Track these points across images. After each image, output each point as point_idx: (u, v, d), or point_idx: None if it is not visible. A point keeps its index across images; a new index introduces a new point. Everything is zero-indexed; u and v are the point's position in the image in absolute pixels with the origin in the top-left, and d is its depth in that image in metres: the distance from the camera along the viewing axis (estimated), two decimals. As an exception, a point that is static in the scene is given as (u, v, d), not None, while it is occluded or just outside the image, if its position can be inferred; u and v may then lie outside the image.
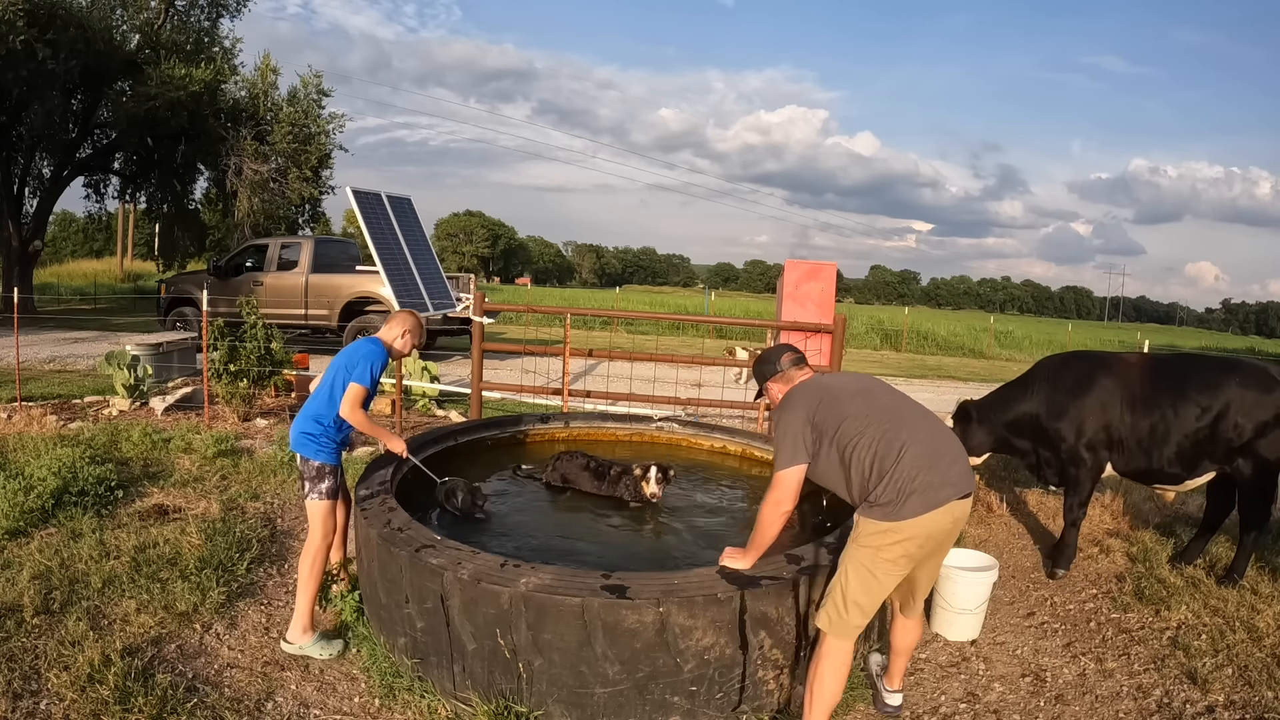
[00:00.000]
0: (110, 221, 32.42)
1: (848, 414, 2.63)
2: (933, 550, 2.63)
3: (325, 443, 3.38)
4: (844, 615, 2.58)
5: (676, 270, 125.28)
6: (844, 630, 2.59)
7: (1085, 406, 4.31)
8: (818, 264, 6.48)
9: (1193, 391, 4.14)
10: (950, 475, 2.54)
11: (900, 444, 2.54)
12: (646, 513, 4.12)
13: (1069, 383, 4.41)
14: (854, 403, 2.67)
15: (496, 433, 5.15)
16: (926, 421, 2.69)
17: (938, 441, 2.61)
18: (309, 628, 3.30)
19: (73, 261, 35.28)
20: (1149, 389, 4.24)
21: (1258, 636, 3.67)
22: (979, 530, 5.26)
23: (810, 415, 2.67)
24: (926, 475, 2.50)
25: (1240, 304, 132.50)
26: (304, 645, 3.26)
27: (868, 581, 2.56)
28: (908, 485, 2.49)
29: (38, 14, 13.28)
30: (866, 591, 2.57)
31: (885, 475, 2.52)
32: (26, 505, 4.41)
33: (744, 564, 2.80)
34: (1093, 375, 4.37)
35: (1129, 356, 4.49)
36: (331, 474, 3.39)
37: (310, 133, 17.60)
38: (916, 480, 2.50)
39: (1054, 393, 4.44)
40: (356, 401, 3.35)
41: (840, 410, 2.65)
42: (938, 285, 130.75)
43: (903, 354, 21.62)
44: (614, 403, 7.41)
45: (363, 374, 3.37)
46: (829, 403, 2.68)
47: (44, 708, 2.77)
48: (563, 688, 2.65)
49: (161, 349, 8.83)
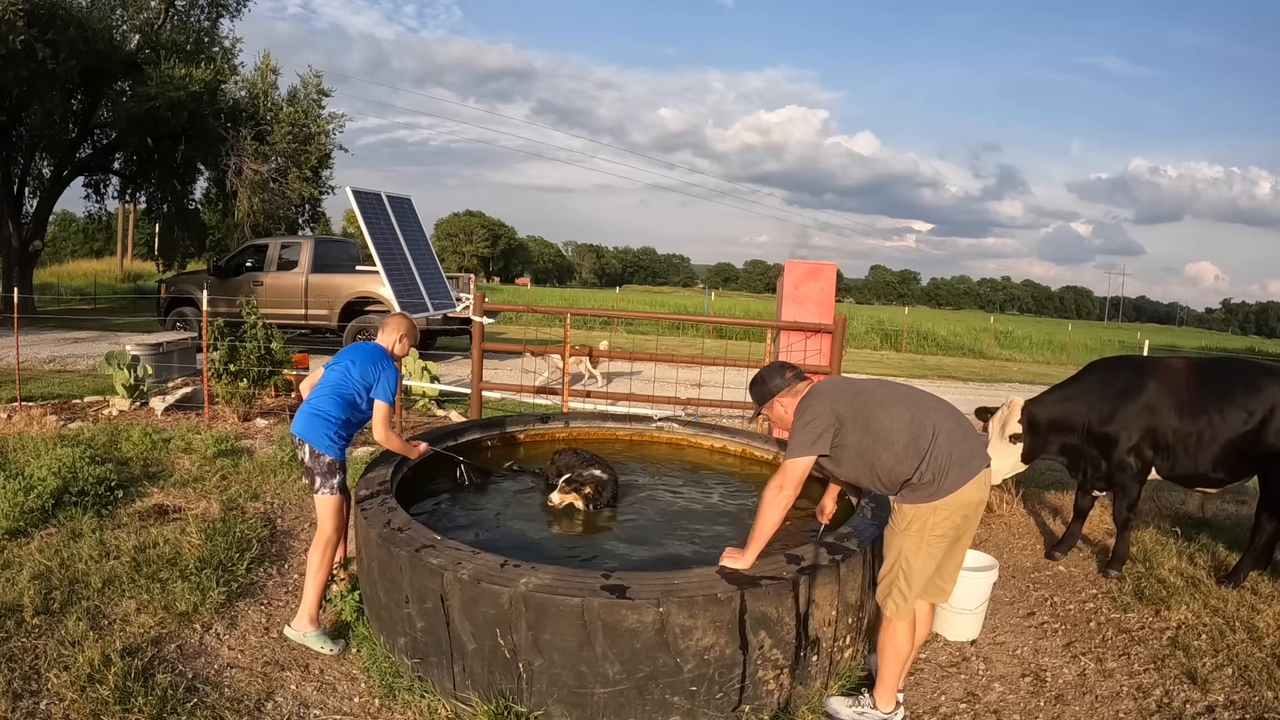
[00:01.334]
0: (110, 221, 32.44)
1: (874, 402, 2.78)
2: (973, 520, 2.76)
3: (337, 439, 3.46)
4: (907, 597, 2.77)
5: (676, 270, 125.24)
6: (906, 612, 2.79)
7: (1134, 411, 4.33)
8: (818, 264, 6.47)
9: (1238, 396, 4.19)
10: (977, 445, 2.74)
11: (932, 424, 2.69)
12: (646, 513, 4.11)
13: (1118, 388, 4.42)
14: (878, 392, 2.84)
15: (496, 432, 5.15)
16: (942, 402, 2.87)
17: (959, 417, 2.79)
18: (315, 619, 3.34)
19: (73, 261, 35.28)
20: (1195, 394, 4.28)
21: (1258, 636, 3.67)
22: (979, 530, 5.26)
23: (836, 407, 2.77)
24: (961, 448, 2.68)
25: (1240, 304, 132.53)
26: (306, 634, 3.30)
27: (924, 561, 2.73)
28: (946, 462, 2.64)
29: (38, 14, 13.27)
30: (924, 571, 2.75)
31: (924, 456, 2.65)
32: (26, 505, 4.41)
33: (744, 562, 2.80)
34: (1141, 380, 4.38)
35: (1174, 361, 4.50)
36: (342, 469, 3.49)
37: (310, 133, 17.61)
38: (953, 455, 2.65)
39: (1103, 398, 4.45)
40: (386, 421, 3.50)
41: (867, 399, 2.79)
42: (938, 285, 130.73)
43: (903, 354, 21.61)
44: (614, 403, 7.41)
45: (386, 392, 3.47)
46: (854, 395, 2.82)
47: (44, 708, 2.77)
48: (563, 688, 2.65)
49: (161, 349, 8.84)
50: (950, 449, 2.66)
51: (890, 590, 2.80)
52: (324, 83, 18.06)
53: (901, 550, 2.75)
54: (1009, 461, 4.70)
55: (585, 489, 3.97)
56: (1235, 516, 5.74)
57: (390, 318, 3.73)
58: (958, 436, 2.70)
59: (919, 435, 2.68)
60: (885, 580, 2.83)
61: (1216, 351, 28.79)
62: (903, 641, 2.84)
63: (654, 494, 4.44)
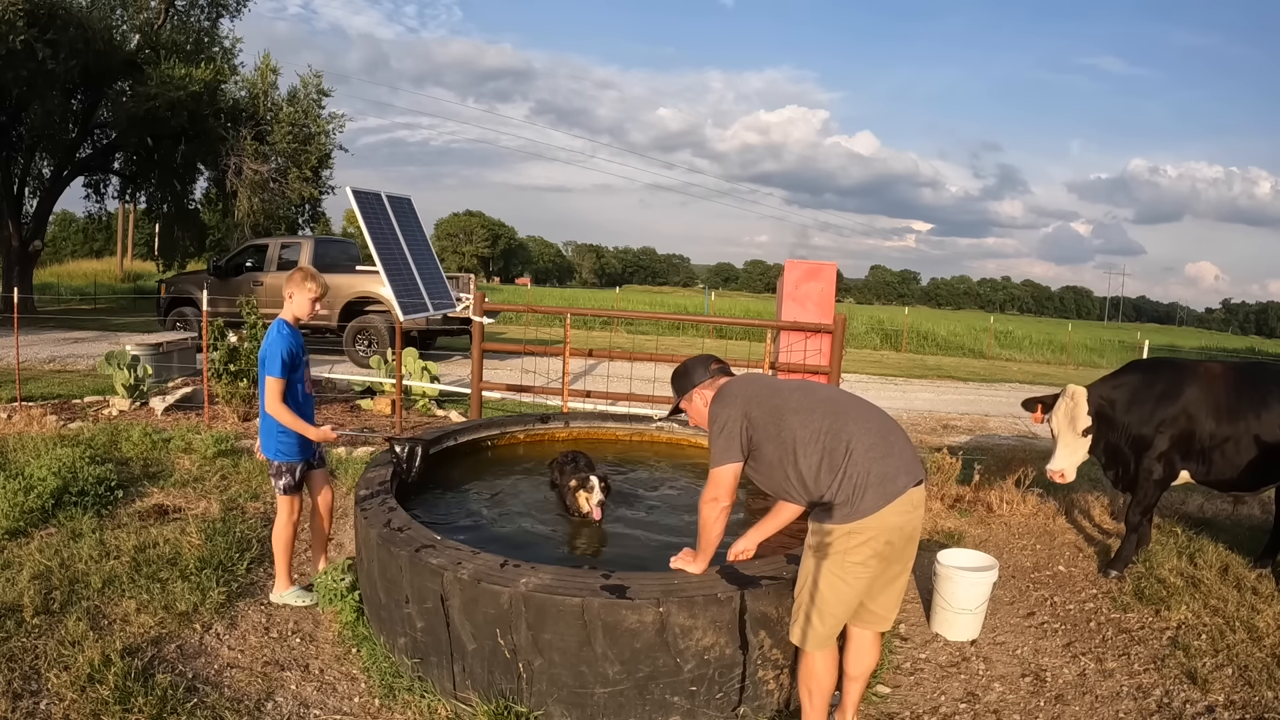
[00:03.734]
0: (110, 221, 32.41)
1: (788, 406, 2.51)
2: (901, 546, 2.47)
3: (272, 439, 3.53)
4: (818, 628, 2.49)
5: (676, 270, 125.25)
6: (822, 641, 2.52)
7: (1171, 416, 4.32)
8: (818, 264, 6.47)
9: (1275, 401, 4.19)
10: (904, 462, 2.43)
11: (848, 437, 2.41)
12: (646, 513, 4.11)
13: (1158, 392, 4.40)
14: (793, 396, 2.55)
15: (496, 432, 5.15)
16: (870, 409, 2.56)
17: (886, 429, 2.49)
18: (287, 584, 3.75)
19: (73, 261, 35.27)
20: (1233, 399, 4.27)
21: (1258, 636, 3.68)
22: (979, 530, 5.26)
23: (746, 410, 2.54)
24: (880, 466, 2.38)
25: (1240, 304, 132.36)
26: (283, 595, 3.71)
27: (839, 589, 2.44)
28: (862, 480, 2.37)
29: (38, 14, 13.28)
30: (840, 600, 2.46)
31: (836, 471, 2.39)
32: (26, 505, 4.41)
33: (696, 567, 2.71)
34: (1180, 385, 4.36)
35: (1212, 367, 4.47)
36: (288, 471, 3.57)
37: (310, 133, 17.62)
38: (871, 473, 2.37)
39: (1141, 401, 4.41)
40: (276, 395, 3.41)
41: (779, 403, 2.52)
42: (938, 285, 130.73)
43: (903, 354, 21.62)
44: (614, 403, 7.41)
45: (273, 365, 3.39)
46: (767, 396, 2.56)
47: (44, 708, 2.77)
48: (563, 688, 2.65)
49: (161, 349, 8.84)
50: (868, 466, 2.36)
51: (797, 616, 2.53)
52: (324, 83, 18.10)
53: (810, 573, 2.47)
54: (1080, 455, 4.45)
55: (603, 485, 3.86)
56: (1235, 516, 5.74)
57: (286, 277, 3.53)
58: (879, 452, 2.39)
59: (833, 449, 2.40)
60: (795, 604, 2.57)
61: (1217, 351, 28.77)
62: (823, 674, 2.55)
63: (654, 494, 4.43)
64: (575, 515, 3.83)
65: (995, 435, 8.95)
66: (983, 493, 5.72)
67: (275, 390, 3.39)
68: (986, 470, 6.22)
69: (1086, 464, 4.63)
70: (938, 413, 10.61)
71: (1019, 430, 9.29)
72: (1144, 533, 4.62)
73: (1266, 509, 5.56)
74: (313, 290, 3.47)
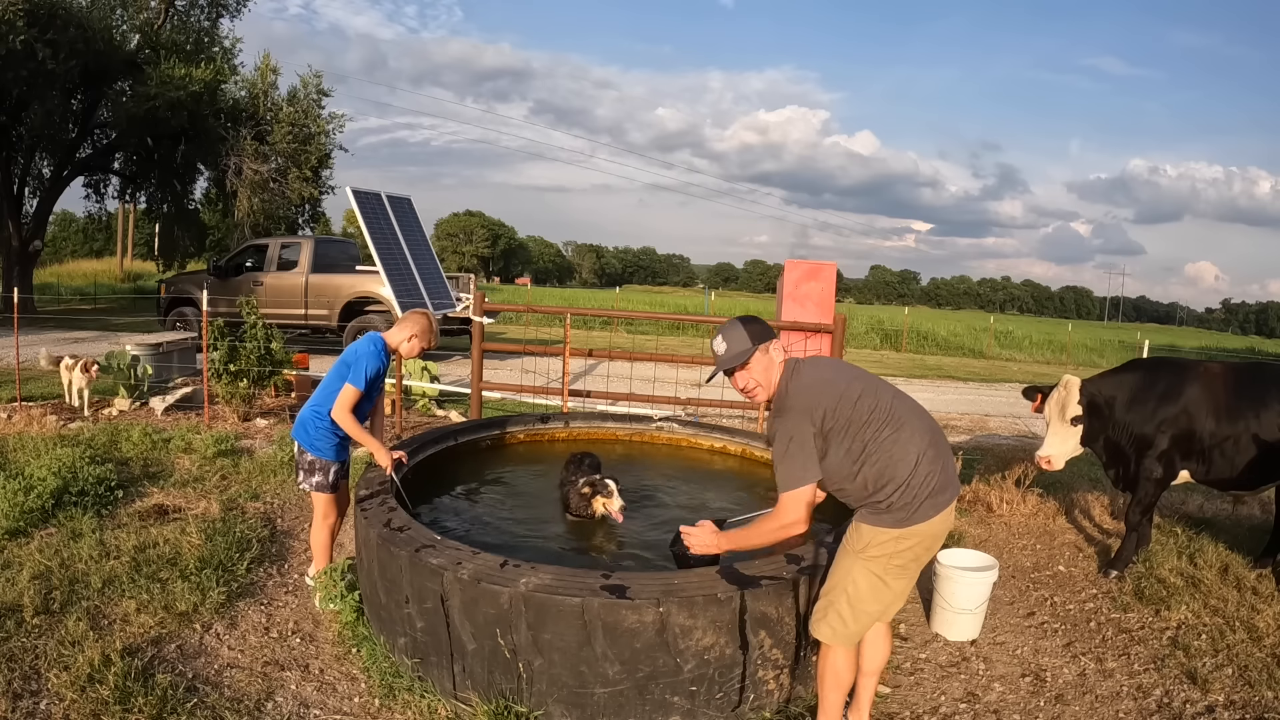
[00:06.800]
0: (110, 221, 32.41)
1: (857, 419, 2.46)
2: (928, 554, 2.56)
3: (321, 437, 3.48)
4: (851, 625, 2.53)
5: (676, 270, 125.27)
6: (851, 639, 2.57)
7: (1172, 416, 4.32)
8: (818, 264, 6.48)
9: (1274, 401, 4.20)
10: (950, 475, 2.52)
11: (916, 450, 2.44)
12: (646, 513, 4.12)
13: (1158, 391, 4.41)
14: (862, 405, 2.48)
15: (496, 433, 5.15)
16: (926, 421, 2.57)
17: (941, 444, 2.55)
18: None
19: (73, 261, 35.28)
20: (1233, 399, 4.28)
21: (1258, 636, 3.67)
22: (979, 530, 5.26)
23: (818, 423, 2.45)
24: (939, 478, 2.47)
25: (1240, 304, 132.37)
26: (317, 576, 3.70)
27: (879, 590, 2.51)
28: (923, 491, 2.43)
29: (38, 14, 13.29)
30: (878, 600, 2.52)
31: (901, 482, 2.42)
32: (26, 505, 4.41)
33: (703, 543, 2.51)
34: (1180, 385, 4.37)
35: (1212, 367, 4.49)
36: (323, 470, 3.50)
37: (310, 133, 17.63)
38: (932, 484, 2.44)
39: (1141, 400, 4.42)
40: (347, 404, 3.40)
41: (850, 415, 2.46)
42: (938, 285, 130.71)
43: (903, 354, 21.62)
44: (614, 403, 7.41)
45: (357, 376, 3.40)
46: (840, 409, 2.46)
47: (44, 708, 2.77)
48: (563, 688, 2.65)
49: (161, 349, 8.84)
50: (930, 478, 2.44)
51: (827, 612, 2.56)
52: (324, 83, 18.11)
53: (851, 572, 2.51)
54: (1069, 445, 4.50)
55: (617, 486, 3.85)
56: (1235, 516, 5.74)
57: (410, 314, 3.61)
58: (938, 465, 2.47)
59: (900, 459, 2.43)
60: (824, 600, 2.58)
61: (1217, 351, 28.75)
62: (844, 670, 2.61)
63: (654, 494, 4.44)
64: (578, 516, 3.86)
65: (995, 435, 8.95)
66: (983, 493, 5.72)
67: (351, 399, 3.38)
68: (986, 470, 6.22)
69: (1086, 464, 4.63)
70: (938, 413, 10.60)
71: (1019, 430, 9.29)
72: (1144, 532, 4.62)
73: (1266, 509, 5.56)
74: (428, 343, 3.61)
